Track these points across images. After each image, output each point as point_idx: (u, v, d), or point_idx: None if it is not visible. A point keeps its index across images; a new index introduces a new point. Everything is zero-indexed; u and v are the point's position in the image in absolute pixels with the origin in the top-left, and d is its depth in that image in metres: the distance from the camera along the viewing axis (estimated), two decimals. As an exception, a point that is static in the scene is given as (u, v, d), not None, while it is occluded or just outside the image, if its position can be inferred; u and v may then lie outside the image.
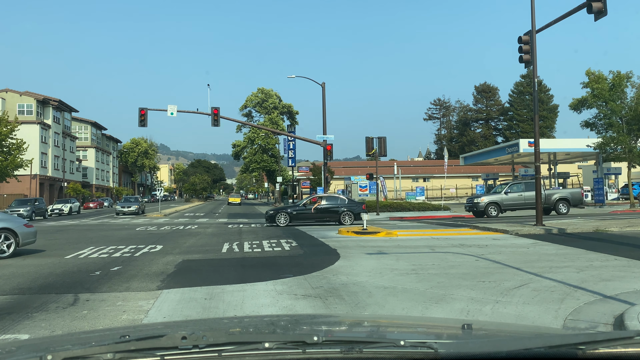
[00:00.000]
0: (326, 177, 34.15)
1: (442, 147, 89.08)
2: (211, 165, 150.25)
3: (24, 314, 6.25)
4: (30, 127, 54.85)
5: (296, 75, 35.72)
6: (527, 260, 10.00)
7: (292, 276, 8.62)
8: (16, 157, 38.85)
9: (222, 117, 29.05)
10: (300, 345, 1.50)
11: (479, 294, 6.86)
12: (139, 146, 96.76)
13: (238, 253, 12.37)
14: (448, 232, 16.99)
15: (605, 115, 28.90)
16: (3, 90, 57.20)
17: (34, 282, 8.56)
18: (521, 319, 5.58)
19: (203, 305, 6.53)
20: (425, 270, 8.93)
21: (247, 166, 67.83)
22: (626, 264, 9.24)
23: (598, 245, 12.22)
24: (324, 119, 32.69)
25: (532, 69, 17.26)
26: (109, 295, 7.33)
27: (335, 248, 12.75)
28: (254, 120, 65.45)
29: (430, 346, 1.48)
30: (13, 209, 34.53)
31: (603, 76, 28.66)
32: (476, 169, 62.45)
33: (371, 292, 7.13)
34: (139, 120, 27.91)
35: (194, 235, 17.83)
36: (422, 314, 5.94)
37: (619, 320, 5.22)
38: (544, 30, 17.01)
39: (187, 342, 1.55)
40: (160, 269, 9.80)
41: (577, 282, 7.53)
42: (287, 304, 6.51)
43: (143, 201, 45.30)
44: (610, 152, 29.58)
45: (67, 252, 13.07)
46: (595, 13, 14.46)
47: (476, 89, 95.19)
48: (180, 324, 3.35)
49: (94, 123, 79.45)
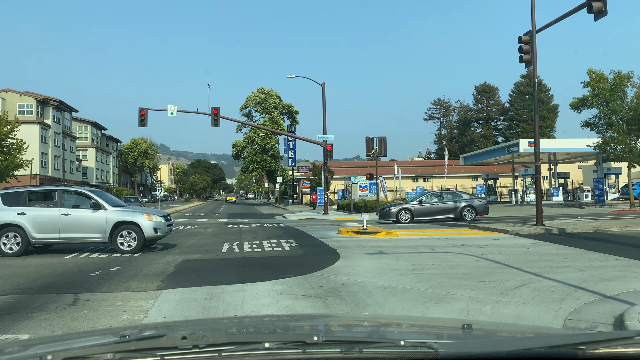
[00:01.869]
0: (326, 177, 34.16)
1: (442, 147, 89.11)
2: (211, 165, 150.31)
3: (24, 314, 6.25)
4: (30, 127, 54.84)
5: (296, 75, 35.76)
6: (527, 260, 10.00)
7: (292, 276, 8.62)
8: (16, 157, 38.82)
9: (222, 117, 29.07)
10: (300, 345, 1.50)
11: (479, 294, 6.86)
12: (139, 146, 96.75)
13: (238, 253, 12.37)
14: (448, 232, 16.99)
15: (605, 115, 28.88)
16: (3, 90, 57.20)
17: (34, 282, 8.56)
18: (521, 319, 5.58)
19: (203, 305, 6.53)
20: (425, 270, 8.93)
21: (247, 166, 67.81)
22: (626, 264, 9.24)
23: (598, 245, 12.22)
24: (324, 119, 32.69)
25: (532, 69, 17.26)
26: (109, 295, 7.33)
27: (335, 248, 12.75)
28: (254, 120, 65.46)
29: (430, 346, 1.48)
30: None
31: (604, 76, 28.63)
32: (476, 169, 62.43)
33: (371, 292, 7.13)
34: (139, 120, 27.93)
35: (194, 235, 17.83)
36: (422, 314, 5.94)
37: (619, 320, 5.22)
38: (544, 30, 17.02)
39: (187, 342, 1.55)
40: (160, 269, 9.81)
41: (577, 282, 7.53)
42: (287, 304, 6.51)
43: (143, 201, 45.30)
44: (610, 152, 29.56)
45: (67, 252, 13.06)
46: (595, 13, 14.46)
47: (476, 89, 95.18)
48: (180, 324, 3.35)
49: (94, 123, 79.44)
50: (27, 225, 12.19)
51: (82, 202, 12.82)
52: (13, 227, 12.21)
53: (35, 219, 12.28)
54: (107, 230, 12.30)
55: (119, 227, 12.34)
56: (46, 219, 12.32)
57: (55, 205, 12.50)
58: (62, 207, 12.45)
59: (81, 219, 12.40)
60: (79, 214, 12.46)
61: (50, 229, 12.29)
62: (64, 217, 12.30)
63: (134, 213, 12.80)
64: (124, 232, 12.33)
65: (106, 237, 12.34)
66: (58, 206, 12.48)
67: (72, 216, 12.36)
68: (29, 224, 12.20)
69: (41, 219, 12.32)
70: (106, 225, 12.30)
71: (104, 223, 12.31)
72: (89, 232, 12.37)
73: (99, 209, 12.45)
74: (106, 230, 12.31)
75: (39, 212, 12.45)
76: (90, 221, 12.37)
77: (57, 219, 12.28)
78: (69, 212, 12.36)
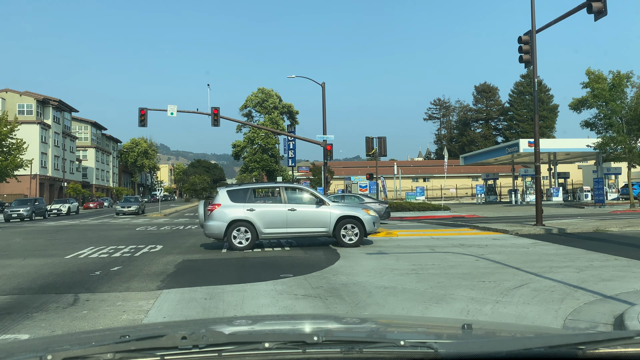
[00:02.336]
0: (326, 177, 34.15)
1: (442, 147, 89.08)
2: (211, 165, 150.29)
3: (24, 314, 6.25)
4: (30, 127, 54.87)
5: (296, 75, 35.74)
6: (527, 260, 10.00)
7: (292, 276, 8.62)
8: (16, 157, 38.84)
9: (222, 117, 29.05)
10: (300, 345, 1.50)
11: (479, 294, 6.86)
12: (139, 146, 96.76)
13: (238, 253, 12.37)
14: (448, 232, 16.99)
15: (605, 115, 28.89)
16: (3, 90, 57.21)
17: (34, 282, 8.56)
18: (521, 319, 5.58)
19: (203, 305, 6.53)
20: (425, 270, 8.93)
21: (247, 166, 67.91)
22: (626, 264, 9.24)
23: (598, 245, 12.23)
24: (324, 119, 32.70)
25: (532, 69, 17.27)
26: (109, 295, 7.33)
27: (335, 248, 12.75)
28: (254, 120, 65.51)
29: (430, 346, 1.48)
30: (13, 209, 34.51)
31: (603, 76, 28.63)
32: (476, 169, 62.49)
33: (371, 292, 7.13)
34: (139, 120, 27.91)
35: (194, 235, 17.83)
36: (422, 314, 5.94)
37: (619, 320, 5.22)
38: (544, 30, 17.02)
39: (187, 342, 1.55)
40: (160, 269, 9.81)
41: (577, 282, 7.53)
42: (287, 304, 6.51)
43: (143, 201, 45.29)
44: (610, 152, 29.59)
45: (67, 252, 13.07)
46: (595, 13, 14.46)
47: (476, 89, 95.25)
48: (180, 323, 3.35)
49: (94, 123, 79.46)
50: (257, 220, 12.65)
51: (303, 197, 13.39)
52: (243, 223, 12.63)
53: (264, 214, 12.76)
54: (331, 224, 12.86)
55: (342, 222, 12.87)
56: (274, 215, 12.82)
57: (280, 202, 13.11)
58: (287, 202, 13.02)
59: (307, 214, 12.94)
60: (304, 209, 12.99)
61: (278, 224, 12.79)
62: (291, 212, 12.81)
63: (355, 208, 13.53)
64: (348, 226, 12.88)
65: (330, 231, 12.92)
66: (283, 202, 13.04)
67: (298, 211, 12.88)
68: (258, 219, 12.67)
69: (269, 214, 12.81)
70: (330, 219, 12.85)
71: (328, 218, 12.89)
72: (314, 227, 12.94)
73: (322, 205, 13.04)
74: (330, 225, 12.86)
75: (266, 208, 12.96)
76: (315, 216, 12.93)
77: (285, 214, 12.79)
78: (294, 208, 12.89)
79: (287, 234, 12.95)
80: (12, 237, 19.04)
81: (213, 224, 12.63)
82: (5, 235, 20.13)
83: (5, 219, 33.88)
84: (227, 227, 12.52)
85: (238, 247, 12.49)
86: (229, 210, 12.67)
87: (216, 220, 12.60)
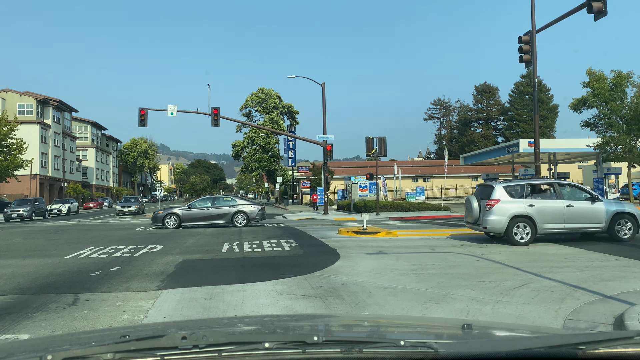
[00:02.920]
0: (326, 177, 34.16)
1: (442, 147, 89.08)
2: (211, 165, 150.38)
3: (24, 314, 6.25)
4: (30, 127, 54.86)
5: (296, 75, 35.75)
6: (527, 260, 10.00)
7: (292, 276, 8.62)
8: (16, 157, 38.82)
9: (222, 117, 29.07)
10: (300, 345, 1.50)
11: (479, 294, 6.86)
12: (139, 146, 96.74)
13: (238, 253, 12.37)
14: (448, 232, 16.98)
15: (605, 115, 28.86)
16: (3, 90, 57.19)
17: (34, 282, 8.56)
18: (521, 319, 5.58)
19: (203, 305, 6.53)
20: (425, 270, 8.93)
21: (247, 166, 67.86)
22: (626, 264, 9.24)
23: (598, 245, 12.24)
24: (324, 119, 32.70)
25: (532, 69, 17.27)
26: (109, 295, 7.33)
27: (335, 248, 12.75)
28: (254, 120, 65.48)
29: (430, 346, 1.48)
30: (13, 209, 34.50)
31: (604, 76, 28.60)
32: (476, 169, 62.45)
33: (371, 292, 7.13)
34: (139, 120, 27.94)
35: (194, 235, 17.83)
36: (422, 314, 5.94)
37: (619, 320, 5.22)
38: (544, 30, 17.03)
39: (187, 342, 1.55)
40: (160, 269, 9.81)
41: (577, 282, 7.54)
42: (287, 304, 6.51)
43: (143, 201, 45.30)
44: (610, 152, 29.55)
45: (67, 252, 13.07)
46: (595, 13, 14.47)
47: (476, 89, 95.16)
48: (180, 324, 3.35)
49: (94, 123, 79.43)
50: (536, 216, 12.63)
51: (576, 194, 13.36)
52: (523, 218, 12.63)
53: (543, 210, 12.75)
54: (607, 220, 12.89)
55: (616, 217, 12.94)
56: (553, 211, 12.79)
57: (557, 198, 13.07)
58: (563, 199, 12.99)
59: (584, 210, 12.93)
60: (580, 205, 12.99)
61: (557, 219, 12.77)
62: (568, 208, 12.81)
63: (627, 204, 13.62)
64: (621, 222, 12.96)
65: (605, 227, 12.92)
66: (560, 198, 13.02)
67: (576, 208, 12.87)
68: (538, 215, 12.65)
69: (549, 210, 12.79)
70: (606, 215, 12.90)
71: (604, 214, 12.92)
72: (590, 223, 12.96)
73: (597, 201, 13.10)
74: (606, 221, 12.88)
75: (545, 204, 12.91)
76: (592, 212, 12.94)
77: (563, 210, 12.79)
78: (572, 204, 12.88)
79: (563, 230, 13.00)
80: (12, 237, 19.04)
81: (494, 218, 12.69)
82: (5, 235, 20.13)
83: (5, 219, 33.88)
84: (508, 222, 12.59)
85: (520, 242, 12.47)
86: (509, 205, 12.75)
87: (497, 215, 12.67)
